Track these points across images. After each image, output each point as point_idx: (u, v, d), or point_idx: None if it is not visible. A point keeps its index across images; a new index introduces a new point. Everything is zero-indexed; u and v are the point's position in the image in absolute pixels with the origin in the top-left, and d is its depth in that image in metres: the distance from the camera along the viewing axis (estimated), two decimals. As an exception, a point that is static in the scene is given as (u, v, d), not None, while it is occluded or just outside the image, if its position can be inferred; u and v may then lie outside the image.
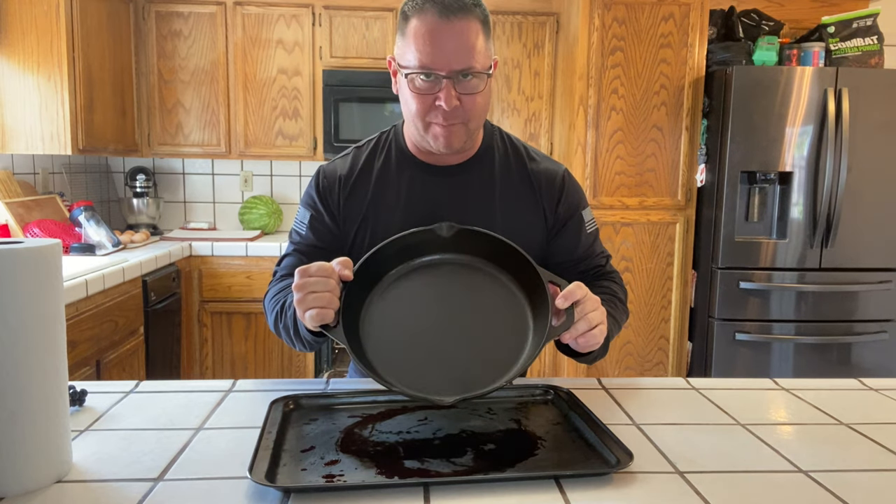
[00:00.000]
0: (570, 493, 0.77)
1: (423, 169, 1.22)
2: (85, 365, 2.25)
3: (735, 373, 3.05)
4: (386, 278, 1.04)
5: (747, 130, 2.94)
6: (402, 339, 0.99)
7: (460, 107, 1.09)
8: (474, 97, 1.10)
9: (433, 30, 1.05)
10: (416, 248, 1.05)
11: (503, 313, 1.02)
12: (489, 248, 1.04)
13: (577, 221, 1.27)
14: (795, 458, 0.89)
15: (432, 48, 1.06)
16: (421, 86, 1.09)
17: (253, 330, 3.22)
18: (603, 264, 1.31)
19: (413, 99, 1.10)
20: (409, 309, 1.02)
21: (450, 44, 1.05)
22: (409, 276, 1.05)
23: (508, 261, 1.03)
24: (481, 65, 1.09)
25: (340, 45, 3.38)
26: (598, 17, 3.05)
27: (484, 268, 1.05)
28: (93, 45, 2.88)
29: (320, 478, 0.79)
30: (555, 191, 1.24)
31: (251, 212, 3.62)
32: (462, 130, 1.13)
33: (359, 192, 1.22)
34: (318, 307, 0.93)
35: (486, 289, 1.04)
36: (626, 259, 3.19)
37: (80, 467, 0.82)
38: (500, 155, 1.25)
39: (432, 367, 0.97)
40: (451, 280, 1.05)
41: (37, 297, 0.75)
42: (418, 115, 1.12)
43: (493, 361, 0.96)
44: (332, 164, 1.27)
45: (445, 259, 1.06)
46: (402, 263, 1.05)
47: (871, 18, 3.13)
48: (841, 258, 3.01)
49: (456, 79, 1.07)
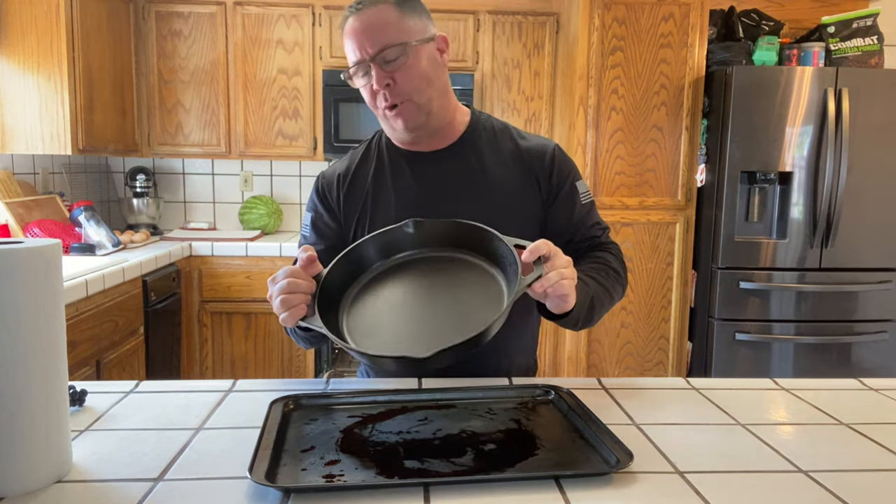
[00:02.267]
0: (570, 493, 0.77)
1: (413, 157, 1.26)
2: (85, 365, 2.25)
3: (735, 373, 3.05)
4: (364, 275, 1.10)
5: (747, 130, 2.94)
6: (380, 319, 1.04)
7: (395, 84, 1.14)
8: (406, 70, 1.14)
9: (350, 28, 1.15)
10: (391, 245, 1.11)
11: (478, 288, 1.05)
12: (456, 233, 1.09)
13: (571, 191, 1.28)
14: (795, 458, 0.89)
15: (352, 42, 1.15)
16: (360, 81, 1.17)
17: (253, 330, 3.22)
18: (598, 235, 1.31)
19: (364, 95, 1.19)
20: (386, 298, 1.07)
21: (363, 32, 1.14)
22: (386, 272, 1.10)
23: (476, 239, 1.07)
24: (397, 39, 1.13)
25: (340, 45, 3.36)
26: (598, 17, 3.05)
27: (455, 254, 1.10)
28: (93, 45, 2.88)
29: (320, 478, 0.79)
30: (545, 163, 1.26)
31: (251, 212, 3.62)
32: (412, 108, 1.17)
33: (356, 188, 1.27)
34: (287, 308, 1.00)
35: (460, 271, 1.08)
36: (627, 259, 3.17)
37: (80, 467, 0.82)
38: (486, 135, 1.27)
39: (411, 336, 1.01)
40: (425, 269, 1.10)
41: (37, 297, 0.75)
42: (373, 108, 1.20)
43: (471, 327, 0.96)
44: (331, 167, 1.33)
45: (420, 254, 1.11)
46: (379, 261, 1.11)
47: (871, 18, 3.14)
48: (841, 258, 3.01)
49: (379, 60, 1.13)
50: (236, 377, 2.67)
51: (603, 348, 3.23)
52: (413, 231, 1.10)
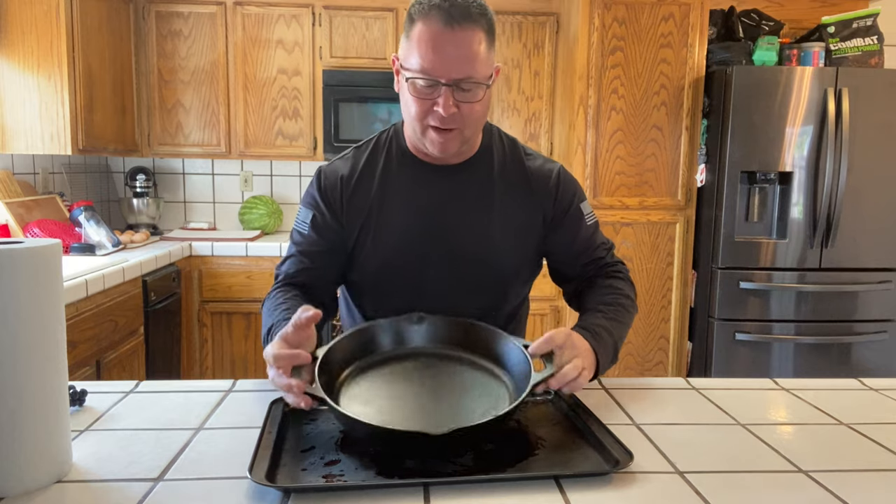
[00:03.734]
0: (570, 493, 0.77)
1: (424, 168, 1.23)
2: (85, 365, 2.25)
3: (735, 373, 3.05)
4: (366, 358, 1.04)
5: (747, 130, 2.93)
6: (384, 404, 0.97)
7: (458, 113, 1.10)
8: (472, 105, 1.11)
9: (436, 37, 1.06)
10: (399, 335, 1.07)
11: (480, 390, 1.00)
12: (463, 333, 1.06)
13: (576, 215, 1.27)
14: (795, 458, 0.89)
15: (434, 55, 1.06)
16: (421, 90, 1.10)
17: (253, 330, 3.22)
18: (604, 256, 1.31)
19: (413, 102, 1.11)
20: (385, 388, 1.00)
21: (451, 52, 1.06)
22: (387, 360, 1.05)
23: (484, 340, 1.05)
24: (481, 74, 1.09)
25: (340, 45, 3.38)
26: (598, 17, 3.05)
27: (462, 354, 1.05)
28: (93, 45, 2.88)
29: (320, 478, 0.79)
30: (550, 187, 1.25)
31: (251, 212, 3.62)
32: (457, 138, 1.14)
33: (361, 192, 1.23)
34: (287, 391, 0.93)
35: (465, 371, 1.03)
36: (626, 259, 3.19)
37: (80, 467, 0.82)
38: (498, 154, 1.26)
39: (418, 419, 0.94)
40: (428, 367, 1.04)
41: (37, 297, 0.75)
42: (417, 118, 1.13)
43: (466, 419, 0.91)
44: (332, 165, 1.27)
45: (424, 350, 1.06)
46: (384, 348, 1.06)
47: (871, 18, 3.13)
48: (841, 258, 3.01)
49: (455, 86, 1.08)
50: (236, 377, 2.67)
51: (603, 348, 3.23)
52: (419, 325, 1.07)
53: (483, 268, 1.21)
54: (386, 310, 1.15)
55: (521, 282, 1.29)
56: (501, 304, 1.27)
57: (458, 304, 1.17)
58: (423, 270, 1.21)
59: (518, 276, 1.27)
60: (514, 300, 1.29)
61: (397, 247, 1.20)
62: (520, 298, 1.32)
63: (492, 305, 1.25)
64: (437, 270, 1.21)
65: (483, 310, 1.22)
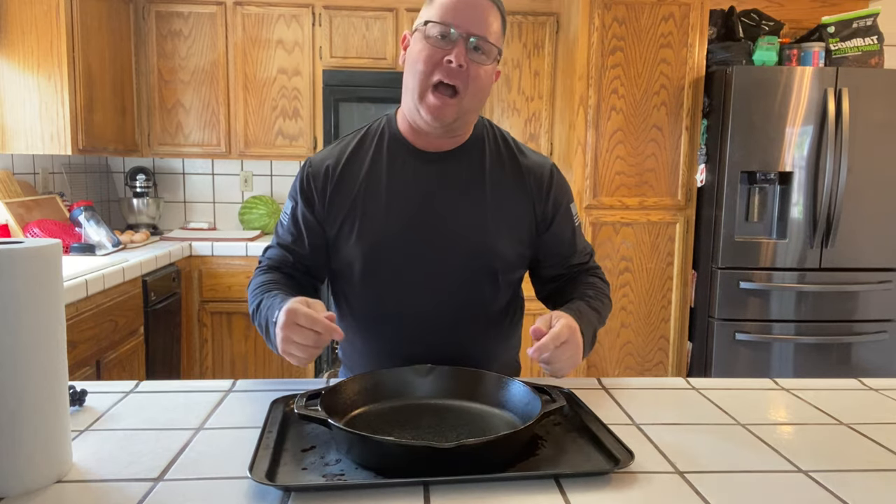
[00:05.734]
0: (570, 493, 0.77)
1: (415, 155, 1.21)
2: (85, 365, 2.25)
3: (735, 373, 3.05)
4: (372, 403, 1.02)
5: (747, 130, 2.94)
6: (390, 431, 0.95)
7: (465, 72, 1.12)
8: (479, 69, 1.13)
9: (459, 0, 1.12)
10: (404, 385, 1.05)
11: (493, 422, 0.98)
12: (470, 381, 1.05)
13: (565, 215, 1.28)
14: (795, 458, 0.89)
15: (455, 10, 1.12)
16: (434, 40, 1.12)
17: (253, 330, 3.22)
18: (587, 261, 1.34)
19: (421, 57, 1.13)
20: (394, 428, 0.96)
21: (472, 12, 1.12)
22: (389, 408, 1.02)
23: (490, 385, 1.04)
24: (496, 40, 1.15)
25: (340, 45, 3.38)
26: (598, 17, 3.05)
27: (466, 403, 1.04)
28: (93, 45, 2.88)
29: (321, 477, 0.79)
30: (543, 185, 1.25)
31: (251, 212, 3.62)
32: (455, 105, 1.13)
33: (347, 181, 1.22)
34: (300, 355, 1.01)
35: (471, 414, 1.01)
36: (626, 259, 3.19)
37: (80, 467, 0.82)
38: (490, 146, 1.26)
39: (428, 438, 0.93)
40: (432, 413, 1.02)
41: (37, 297, 0.75)
42: (421, 76, 1.13)
43: None
44: (320, 155, 1.26)
45: (429, 400, 1.05)
46: (388, 395, 1.04)
47: (871, 18, 3.14)
48: (841, 258, 3.01)
49: (469, 43, 1.11)
50: (236, 377, 2.67)
51: (603, 348, 3.23)
52: (424, 377, 1.06)
53: (473, 255, 1.20)
54: (372, 304, 1.19)
55: (511, 274, 1.26)
56: (492, 298, 1.24)
57: (447, 295, 1.18)
58: (409, 258, 1.19)
59: (508, 266, 1.24)
60: (503, 295, 1.26)
61: (384, 231, 1.18)
62: (509, 294, 1.28)
63: (480, 298, 1.23)
64: (424, 258, 1.19)
65: (472, 303, 1.21)
